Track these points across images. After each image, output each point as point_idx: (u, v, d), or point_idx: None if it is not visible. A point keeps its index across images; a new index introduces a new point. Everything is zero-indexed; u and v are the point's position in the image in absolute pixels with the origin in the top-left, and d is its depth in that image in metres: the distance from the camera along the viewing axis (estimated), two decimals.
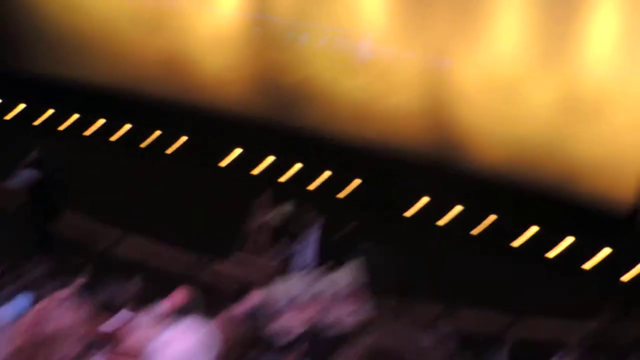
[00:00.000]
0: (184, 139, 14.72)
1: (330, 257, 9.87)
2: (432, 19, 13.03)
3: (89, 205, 11.80)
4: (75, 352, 3.67)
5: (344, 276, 9.69)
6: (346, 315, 9.62)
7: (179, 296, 8.21)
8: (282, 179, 13.84)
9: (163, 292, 8.80)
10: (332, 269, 9.76)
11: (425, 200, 13.21)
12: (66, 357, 3.63)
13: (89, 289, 8.07)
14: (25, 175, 10.83)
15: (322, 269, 9.86)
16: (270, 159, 14.17)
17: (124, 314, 8.02)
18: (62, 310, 3.67)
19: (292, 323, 8.07)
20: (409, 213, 13.08)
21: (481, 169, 12.75)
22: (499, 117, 12.65)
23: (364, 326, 7.77)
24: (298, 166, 14.01)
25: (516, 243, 12.49)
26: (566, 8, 12.04)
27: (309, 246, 10.15)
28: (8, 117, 15.31)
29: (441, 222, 12.94)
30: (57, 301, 3.73)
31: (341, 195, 13.29)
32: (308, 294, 9.74)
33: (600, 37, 11.88)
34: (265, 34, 14.28)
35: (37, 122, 14.80)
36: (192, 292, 8.33)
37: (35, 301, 5.07)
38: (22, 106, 15.54)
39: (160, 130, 14.81)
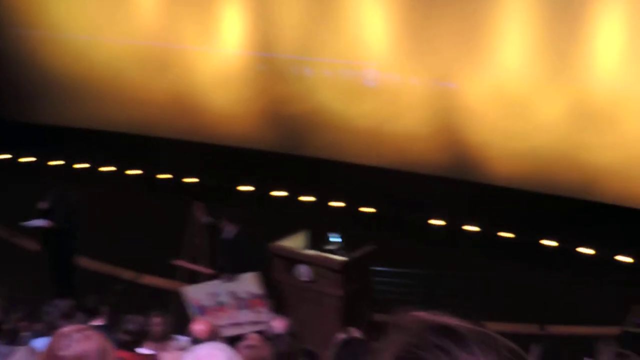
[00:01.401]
0: (195, 178, 14.80)
1: (234, 265, 10.04)
2: (435, 43, 13.02)
3: (103, 247, 11.87)
4: None
5: (245, 284, 9.92)
6: (249, 322, 9.75)
7: (200, 326, 8.14)
8: (296, 209, 13.84)
9: (181, 326, 8.76)
10: (232, 277, 9.99)
11: (441, 220, 13.24)
12: None
13: (107, 328, 8.02)
14: (39, 222, 10.87)
15: (224, 277, 10.04)
16: (281, 192, 14.29)
17: (145, 349, 7.95)
18: (82, 339, 3.58)
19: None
20: (427, 233, 13.05)
21: (497, 184, 12.71)
22: (511, 132, 12.61)
23: None
24: (311, 198, 14.12)
25: (539, 253, 12.44)
26: (571, 21, 12.01)
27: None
28: (19, 166, 15.39)
29: (461, 240, 12.89)
30: (77, 331, 3.64)
31: (358, 221, 13.24)
32: (217, 299, 9.94)
33: (606, 46, 11.84)
34: (270, 70, 14.33)
35: (47, 171, 14.84)
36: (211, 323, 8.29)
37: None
38: (31, 157, 15.68)
39: (172, 170, 14.91)
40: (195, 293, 10.11)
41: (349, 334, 8.11)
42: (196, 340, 7.94)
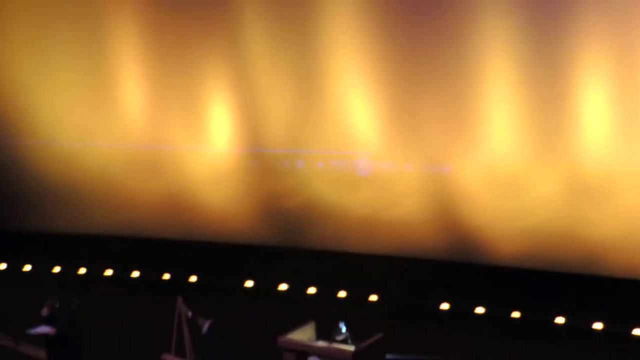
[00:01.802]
0: (194, 277, 14.77)
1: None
2: (423, 129, 13.13)
3: (108, 353, 11.82)
4: None
5: None
6: None
7: None
8: (299, 302, 13.78)
9: None
10: None
11: (447, 304, 13.22)
12: None
13: None
14: (42, 329, 10.78)
15: None
16: (283, 286, 14.27)
17: None
18: None
19: None
20: (432, 319, 13.02)
21: (497, 266, 12.72)
22: (507, 212, 12.65)
23: None
24: (312, 289, 14.09)
25: (549, 331, 12.40)
26: (557, 98, 12.18)
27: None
28: (17, 275, 15.32)
29: (469, 323, 12.87)
30: None
31: (363, 309, 13.19)
32: None
33: (594, 121, 11.98)
34: (262, 165, 14.40)
35: (46, 278, 14.78)
36: None
37: None
38: (28, 265, 15.61)
39: (170, 271, 14.87)
40: None
41: None
42: None
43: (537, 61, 12.14)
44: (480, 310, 13.01)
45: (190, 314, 10.61)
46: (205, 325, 10.31)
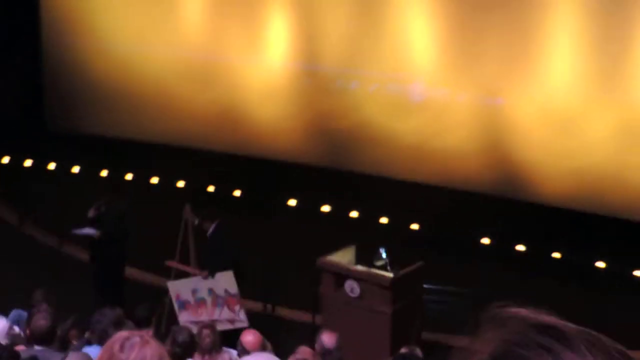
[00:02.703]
0: (239, 191, 14.82)
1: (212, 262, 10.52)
2: (482, 58, 12.97)
3: (149, 258, 11.98)
4: None
5: (222, 283, 10.40)
6: (226, 320, 10.30)
7: (249, 337, 8.17)
8: (341, 224, 13.80)
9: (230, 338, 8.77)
10: (210, 274, 10.51)
11: (488, 239, 13.17)
12: None
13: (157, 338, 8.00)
14: (88, 230, 10.96)
15: (202, 274, 10.55)
16: (326, 207, 14.26)
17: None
18: (141, 343, 3.61)
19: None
20: (474, 252, 12.98)
21: (544, 203, 12.62)
22: (557, 150, 12.52)
23: None
24: (354, 213, 14.08)
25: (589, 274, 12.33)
26: (620, 41, 11.94)
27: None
28: (67, 176, 15.47)
29: (507, 257, 12.81)
30: (137, 335, 3.67)
31: (404, 238, 13.16)
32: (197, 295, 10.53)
33: None
34: (315, 83, 14.32)
35: (95, 181, 14.89)
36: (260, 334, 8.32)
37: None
38: (77, 167, 15.73)
39: (215, 183, 14.92)
40: (178, 288, 10.63)
41: (411, 350, 8.08)
42: (245, 352, 7.97)
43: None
44: (521, 247, 12.96)
45: (196, 221, 10.82)
46: (211, 228, 10.65)
